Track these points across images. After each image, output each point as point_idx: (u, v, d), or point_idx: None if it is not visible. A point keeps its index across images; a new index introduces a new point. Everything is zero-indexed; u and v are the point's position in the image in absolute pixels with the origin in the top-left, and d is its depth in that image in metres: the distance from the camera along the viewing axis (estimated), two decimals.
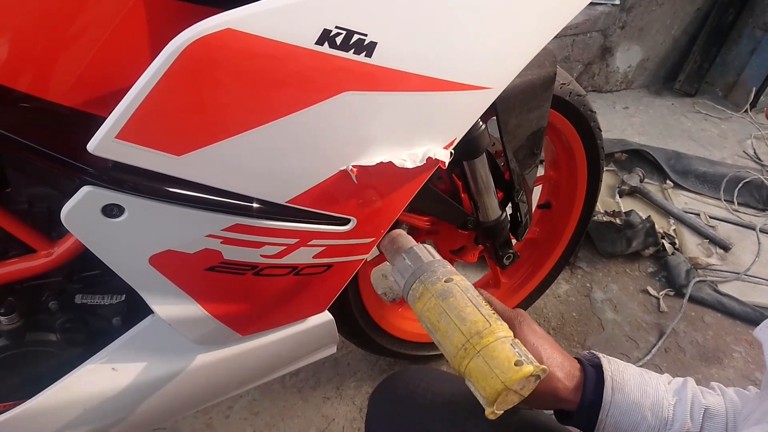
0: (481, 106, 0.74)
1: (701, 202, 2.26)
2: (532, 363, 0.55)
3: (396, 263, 0.72)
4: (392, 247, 0.74)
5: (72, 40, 0.55)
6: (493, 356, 0.55)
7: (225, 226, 0.65)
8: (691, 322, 1.73)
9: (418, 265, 0.68)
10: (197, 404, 0.95)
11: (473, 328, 0.58)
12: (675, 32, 3.04)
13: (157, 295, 0.70)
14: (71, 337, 0.77)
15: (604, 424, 0.63)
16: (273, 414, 1.38)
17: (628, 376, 0.65)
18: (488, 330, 0.58)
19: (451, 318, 0.60)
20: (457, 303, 0.61)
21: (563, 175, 1.39)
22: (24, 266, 0.70)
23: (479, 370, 0.55)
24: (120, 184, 0.57)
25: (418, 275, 0.67)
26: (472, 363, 0.56)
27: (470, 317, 0.59)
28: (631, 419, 0.63)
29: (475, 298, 0.62)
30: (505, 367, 0.54)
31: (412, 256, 0.70)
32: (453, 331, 0.59)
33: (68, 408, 0.77)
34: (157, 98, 0.51)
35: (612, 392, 0.63)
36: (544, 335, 0.67)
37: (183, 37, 0.49)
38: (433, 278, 0.65)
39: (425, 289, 0.65)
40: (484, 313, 0.60)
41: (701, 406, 0.63)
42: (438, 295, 0.63)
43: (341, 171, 0.67)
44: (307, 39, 0.53)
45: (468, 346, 0.57)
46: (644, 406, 0.63)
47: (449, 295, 0.62)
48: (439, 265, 0.67)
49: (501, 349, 0.56)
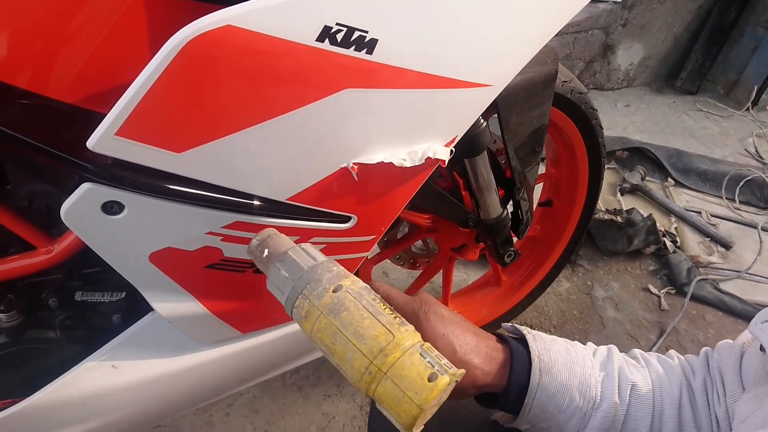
0: (482, 103, 0.74)
1: (703, 200, 2.25)
2: (446, 371, 0.48)
3: (270, 275, 0.57)
4: (262, 255, 0.58)
5: (71, 37, 0.55)
6: (403, 375, 0.48)
7: (225, 224, 0.65)
8: (692, 320, 1.73)
9: (297, 276, 0.54)
10: (197, 402, 0.95)
11: (375, 346, 0.49)
12: (677, 30, 3.04)
13: (157, 292, 0.70)
14: (71, 335, 0.76)
15: (530, 406, 0.59)
16: (273, 411, 1.38)
17: (555, 355, 0.61)
18: (392, 344, 0.49)
19: (347, 338, 0.50)
20: (352, 317, 0.51)
21: (564, 172, 1.39)
22: (24, 263, 0.70)
23: (390, 396, 0.48)
24: (120, 181, 0.57)
25: (299, 289, 0.54)
26: (380, 387, 0.49)
27: (369, 332, 0.50)
28: (558, 401, 0.59)
29: (371, 304, 0.53)
30: (418, 386, 0.47)
31: (289, 265, 0.56)
32: (352, 353, 0.50)
33: (68, 405, 0.77)
34: (157, 95, 0.51)
35: (540, 374, 0.59)
36: (453, 319, 0.61)
37: (183, 33, 0.49)
38: (319, 290, 0.53)
39: (311, 306, 0.52)
40: (385, 322, 0.51)
41: (628, 382, 0.60)
42: (328, 311, 0.52)
43: (342, 168, 0.67)
44: (307, 36, 0.53)
45: (372, 368, 0.49)
46: (572, 387, 0.59)
47: (341, 309, 0.51)
48: (323, 270, 0.55)
49: (410, 364, 0.48)
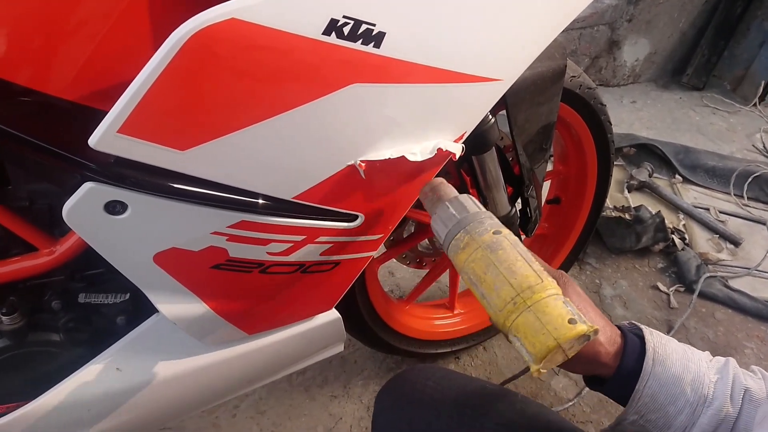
0: (491, 98, 0.73)
1: (711, 197, 2.23)
2: (585, 323, 0.52)
3: (438, 211, 0.66)
4: (434, 195, 0.68)
5: (73, 33, 0.53)
6: (546, 312, 0.53)
7: (230, 223, 0.64)
8: (701, 318, 1.71)
9: (464, 215, 0.63)
10: (203, 404, 0.94)
11: (524, 283, 0.55)
12: (683, 25, 3.01)
13: (161, 293, 0.69)
14: (74, 337, 0.76)
15: (640, 394, 0.61)
16: (280, 413, 1.36)
17: (670, 350, 0.63)
18: (540, 285, 0.55)
19: (500, 270, 0.57)
20: (507, 256, 0.58)
21: (573, 169, 1.37)
22: (26, 265, 0.69)
23: (529, 326, 0.53)
24: (122, 180, 0.56)
25: (463, 225, 0.62)
26: (521, 318, 0.54)
27: (521, 271, 0.56)
28: (669, 392, 0.60)
29: (525, 253, 0.59)
30: (558, 323, 0.52)
31: (457, 206, 0.64)
32: (502, 283, 0.56)
33: (72, 409, 0.76)
34: (159, 91, 0.49)
35: (653, 363, 0.61)
36: (586, 299, 0.65)
37: (186, 27, 0.47)
38: (481, 229, 0.61)
39: (471, 240, 0.60)
40: (536, 269, 0.57)
41: (742, 387, 0.60)
42: (486, 246, 0.59)
43: (349, 166, 0.65)
44: (313, 29, 0.52)
45: (518, 300, 0.54)
46: (684, 381, 0.60)
47: (498, 248, 0.58)
48: (486, 217, 0.63)
49: (554, 305, 0.53)
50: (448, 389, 0.78)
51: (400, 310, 1.32)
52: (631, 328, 0.67)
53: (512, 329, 0.55)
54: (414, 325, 1.34)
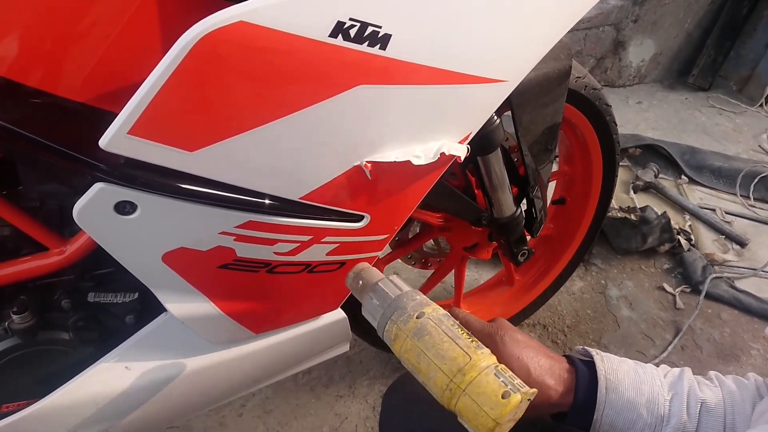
0: (496, 99, 0.73)
1: (717, 198, 2.23)
2: (519, 390, 0.53)
3: (364, 303, 0.66)
4: (357, 286, 0.68)
5: (83, 35, 0.54)
6: (479, 392, 0.54)
7: (238, 223, 0.65)
8: (707, 319, 1.71)
9: (387, 304, 0.63)
10: (210, 403, 0.94)
11: (454, 366, 0.56)
12: (688, 26, 3.01)
13: (170, 293, 0.70)
14: (84, 336, 0.76)
15: (599, 423, 0.63)
16: (286, 412, 1.37)
17: (622, 374, 0.64)
18: (469, 365, 0.55)
19: (430, 358, 0.58)
20: (433, 340, 0.58)
21: (578, 170, 1.37)
22: (36, 264, 0.70)
23: (468, 410, 0.54)
24: (132, 180, 0.57)
25: (388, 315, 0.63)
26: (460, 403, 0.55)
27: (449, 354, 0.57)
28: (626, 417, 0.62)
29: (450, 329, 0.59)
30: (493, 402, 0.53)
31: (379, 294, 0.65)
32: (434, 371, 0.57)
33: (81, 407, 0.77)
34: (169, 93, 0.50)
35: (606, 392, 0.63)
36: (527, 343, 0.66)
37: (195, 30, 0.48)
38: (405, 316, 0.61)
39: (399, 330, 0.61)
40: (462, 345, 0.58)
41: (698, 400, 0.62)
42: (413, 334, 0.59)
43: (355, 167, 0.66)
44: (320, 31, 0.53)
45: (452, 386, 0.55)
46: (639, 404, 0.62)
47: (424, 333, 0.59)
48: (408, 299, 0.63)
49: (486, 383, 0.54)
50: None
51: None
52: (583, 353, 0.68)
53: (457, 413, 0.56)
54: None
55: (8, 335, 0.73)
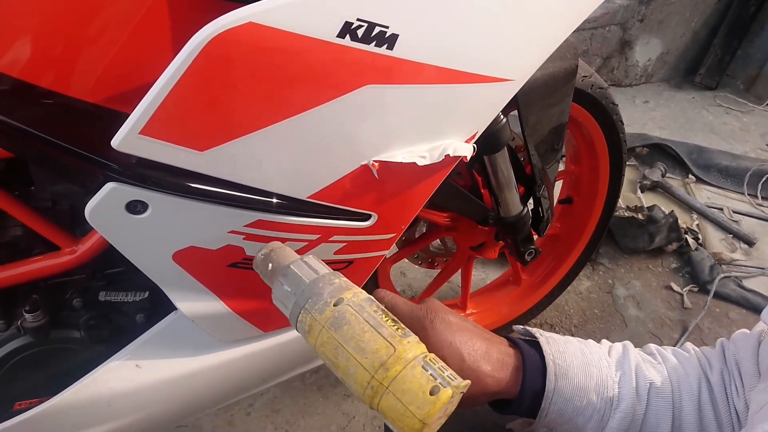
0: (503, 98, 0.73)
1: (724, 197, 2.22)
2: (450, 384, 0.48)
3: (274, 290, 0.57)
4: (267, 269, 0.58)
5: (95, 37, 0.55)
6: (404, 390, 0.47)
7: (247, 222, 0.65)
8: (715, 318, 1.70)
9: (300, 290, 0.54)
10: (219, 401, 0.95)
11: (376, 360, 0.49)
12: (695, 25, 3.00)
13: (180, 291, 0.70)
14: (95, 334, 0.77)
15: (546, 411, 0.58)
16: (293, 411, 1.38)
17: (570, 357, 0.60)
18: (393, 357, 0.49)
19: (349, 352, 0.50)
20: (353, 331, 0.51)
21: (585, 169, 1.37)
22: (48, 264, 0.71)
23: (392, 410, 0.48)
24: (144, 180, 0.57)
25: (301, 303, 0.54)
26: (383, 402, 0.48)
27: (370, 346, 0.50)
28: (575, 405, 0.58)
29: (372, 317, 0.52)
30: (420, 401, 0.47)
31: (291, 279, 0.55)
32: (354, 367, 0.50)
33: (92, 405, 0.78)
34: (180, 93, 0.51)
35: (555, 378, 0.58)
36: (461, 326, 0.59)
37: (205, 31, 0.49)
38: (320, 304, 0.53)
39: (313, 321, 0.52)
40: (386, 335, 0.51)
41: (646, 380, 0.59)
42: (329, 325, 0.52)
43: (362, 166, 0.67)
44: (328, 32, 0.53)
45: (374, 383, 0.49)
46: (589, 389, 0.58)
47: (342, 323, 0.51)
48: (324, 284, 0.54)
49: (411, 378, 0.48)
50: None
51: None
52: (526, 336, 0.64)
53: (380, 413, 0.50)
54: None
55: (21, 334, 0.74)
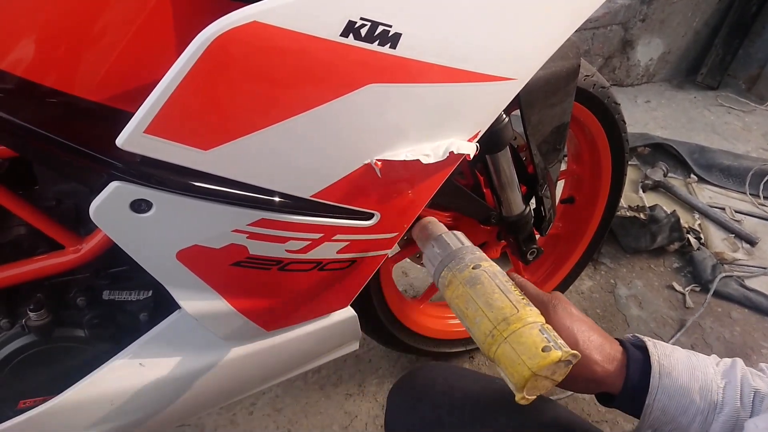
0: (505, 97, 0.74)
1: (726, 196, 2.22)
2: (561, 348, 0.54)
3: (425, 251, 0.72)
4: (423, 235, 0.75)
5: (99, 35, 0.55)
6: (520, 342, 0.55)
7: (251, 221, 0.65)
8: (717, 317, 1.70)
9: (446, 253, 0.68)
10: (223, 400, 0.95)
11: (500, 315, 0.58)
12: (696, 24, 2.99)
13: (184, 290, 0.71)
14: (99, 333, 0.77)
15: (651, 408, 0.62)
16: (296, 410, 1.38)
17: (675, 360, 0.63)
18: (515, 316, 0.57)
19: (478, 305, 0.60)
20: (485, 290, 0.61)
21: (587, 169, 1.37)
22: (52, 263, 0.71)
23: (507, 357, 0.55)
24: (148, 179, 0.58)
25: (446, 263, 0.67)
26: (500, 349, 0.56)
27: (497, 303, 0.59)
28: (679, 403, 0.61)
29: (503, 284, 0.61)
30: (532, 353, 0.53)
31: (441, 244, 0.70)
32: (480, 317, 0.59)
33: (96, 404, 0.78)
34: (184, 92, 0.51)
35: (659, 376, 0.61)
36: (581, 318, 0.66)
37: (209, 30, 0.49)
38: (461, 265, 0.65)
39: (453, 277, 0.64)
40: (512, 299, 0.59)
41: (751, 389, 0.60)
42: (466, 282, 0.62)
43: (365, 165, 0.67)
44: (332, 31, 0.53)
45: (495, 332, 0.57)
46: (693, 390, 0.61)
47: (476, 282, 0.62)
48: (467, 252, 0.67)
49: (528, 334, 0.55)
50: (459, 386, 0.79)
51: (414, 309, 1.32)
52: (635, 341, 0.68)
53: (495, 360, 0.57)
54: (428, 324, 1.34)
55: (25, 332, 0.74)
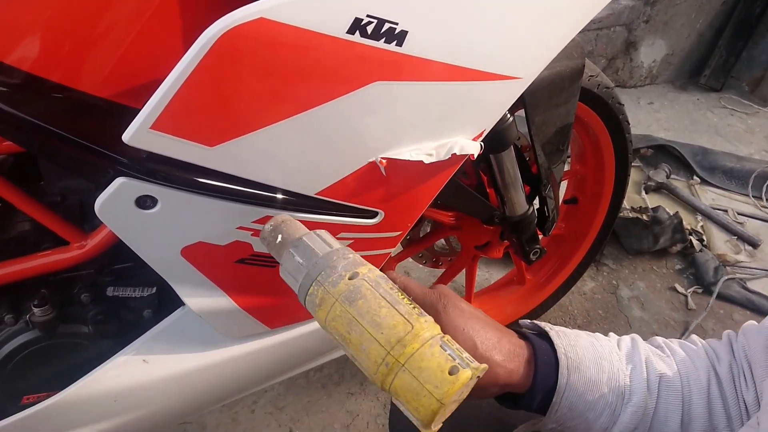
0: (510, 96, 0.74)
1: (729, 198, 2.21)
2: (469, 365, 0.46)
3: (283, 261, 0.55)
4: (275, 240, 0.56)
5: (105, 31, 0.55)
6: (422, 368, 0.45)
7: (255, 218, 0.65)
8: (720, 319, 1.70)
9: (312, 262, 0.52)
10: (225, 397, 0.95)
11: (393, 336, 0.47)
12: (700, 26, 2.99)
13: (188, 287, 0.71)
14: (103, 329, 0.77)
15: (557, 406, 0.57)
16: (297, 409, 1.38)
17: (582, 351, 0.58)
18: (411, 334, 0.47)
19: (363, 327, 0.48)
20: (368, 305, 0.49)
21: (590, 169, 1.37)
22: (57, 258, 0.71)
23: (408, 389, 0.46)
24: (153, 175, 0.58)
25: (314, 276, 0.51)
26: (397, 380, 0.46)
27: (386, 321, 0.48)
28: (587, 399, 0.57)
29: (389, 294, 0.50)
30: (438, 379, 0.45)
31: (303, 251, 0.53)
32: (369, 342, 0.47)
33: (99, 400, 0.78)
34: (190, 89, 0.51)
35: (568, 372, 0.56)
36: (473, 313, 0.58)
37: (216, 26, 0.49)
38: (334, 277, 0.51)
39: (326, 293, 0.50)
40: (404, 312, 0.49)
41: (656, 373, 0.57)
42: (344, 298, 0.49)
43: (370, 163, 0.67)
44: (338, 28, 0.53)
45: (389, 359, 0.46)
46: (601, 383, 0.56)
47: (357, 297, 0.49)
48: (339, 257, 0.52)
49: (430, 356, 0.46)
50: None
51: None
52: (534, 330, 0.63)
53: (392, 393, 0.48)
54: None
55: (29, 328, 0.74)
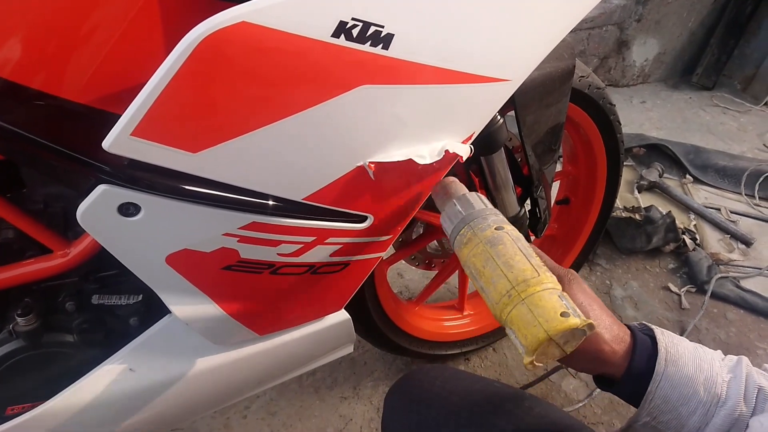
0: (500, 98, 0.73)
1: (721, 197, 2.22)
2: (579, 316, 0.52)
3: (446, 208, 0.69)
4: (443, 194, 0.72)
5: (86, 37, 0.54)
6: (539, 305, 0.53)
7: (241, 225, 0.64)
8: (713, 319, 1.70)
9: (469, 212, 0.66)
10: (215, 405, 0.94)
11: (520, 276, 0.56)
12: (692, 25, 3.00)
13: (174, 294, 0.70)
14: (88, 338, 0.76)
15: (652, 395, 0.60)
16: (290, 414, 1.37)
17: (682, 349, 0.61)
18: (536, 279, 0.55)
19: (497, 264, 0.58)
20: (506, 250, 0.59)
21: (582, 170, 1.37)
22: (40, 267, 0.70)
23: (522, 318, 0.53)
24: (136, 182, 0.56)
25: (467, 221, 0.64)
26: (515, 310, 0.54)
27: (518, 265, 0.57)
28: (682, 393, 0.59)
29: (525, 249, 0.59)
30: (549, 316, 0.51)
31: (464, 203, 0.68)
32: (498, 277, 0.57)
33: (86, 409, 0.77)
34: (172, 94, 0.50)
35: (665, 363, 0.60)
36: (594, 297, 0.63)
37: (197, 31, 0.48)
38: (483, 225, 0.63)
39: (473, 235, 0.62)
40: (534, 264, 0.57)
41: (755, 386, 0.59)
42: (486, 241, 0.60)
43: (358, 167, 0.66)
44: (323, 31, 0.52)
45: (513, 293, 0.55)
46: (697, 381, 0.59)
47: (498, 243, 0.60)
48: (490, 213, 0.65)
49: (548, 298, 0.53)
50: (457, 389, 0.78)
51: (409, 312, 1.32)
52: (642, 328, 0.66)
53: (507, 321, 0.55)
54: (423, 327, 1.34)
55: (13, 338, 0.73)
